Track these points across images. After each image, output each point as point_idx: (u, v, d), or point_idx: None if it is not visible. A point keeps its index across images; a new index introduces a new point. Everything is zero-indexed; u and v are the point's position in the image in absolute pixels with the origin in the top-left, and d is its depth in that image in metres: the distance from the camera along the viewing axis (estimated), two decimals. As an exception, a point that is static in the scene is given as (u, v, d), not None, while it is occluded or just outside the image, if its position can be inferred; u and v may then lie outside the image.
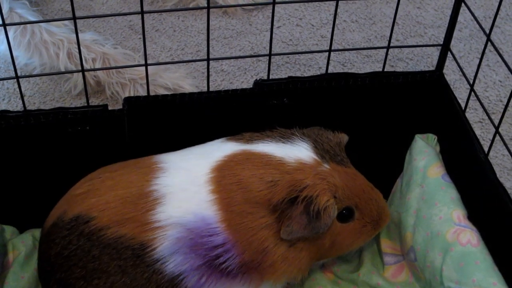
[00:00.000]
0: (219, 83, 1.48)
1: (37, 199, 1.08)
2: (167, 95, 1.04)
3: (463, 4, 1.08)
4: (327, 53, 1.08)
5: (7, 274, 0.99)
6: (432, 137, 1.10)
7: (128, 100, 1.03)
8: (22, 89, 1.41)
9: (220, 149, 0.95)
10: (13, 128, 1.01)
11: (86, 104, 1.04)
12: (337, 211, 0.91)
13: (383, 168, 1.11)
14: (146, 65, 1.02)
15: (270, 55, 1.05)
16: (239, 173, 0.90)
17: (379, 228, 0.98)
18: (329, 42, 1.58)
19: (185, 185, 0.91)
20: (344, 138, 0.98)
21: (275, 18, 1.69)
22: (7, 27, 1.46)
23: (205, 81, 1.46)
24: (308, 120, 1.08)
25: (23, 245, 1.04)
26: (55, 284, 0.90)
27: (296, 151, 0.92)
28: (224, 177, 0.91)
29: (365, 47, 1.60)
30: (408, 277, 1.05)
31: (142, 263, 0.86)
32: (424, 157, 1.05)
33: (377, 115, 1.12)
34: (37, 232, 1.08)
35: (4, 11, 1.50)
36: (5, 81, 1.48)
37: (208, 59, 1.03)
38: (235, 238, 0.88)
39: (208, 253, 0.88)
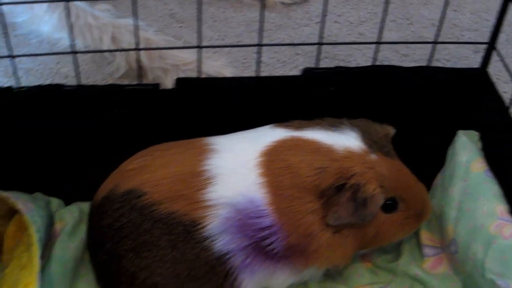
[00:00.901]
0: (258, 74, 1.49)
1: (84, 173, 1.11)
2: (217, 77, 1.06)
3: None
4: (366, 49, 1.09)
5: (54, 243, 1.01)
6: (474, 134, 1.10)
7: (179, 81, 1.05)
8: (65, 70, 1.43)
9: (269, 135, 0.97)
10: (66, 102, 1.02)
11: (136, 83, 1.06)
12: (383, 201, 0.92)
13: (425, 161, 1.12)
14: (198, 47, 1.03)
15: (320, 44, 1.06)
16: (288, 158, 0.92)
17: (421, 221, 1.00)
18: (366, 39, 1.61)
19: (236, 168, 0.93)
20: (391, 130, 0.99)
21: (314, 14, 1.71)
22: (52, 9, 1.49)
23: (245, 71, 1.48)
24: (352, 109, 1.10)
25: (70, 216, 1.05)
26: (105, 255, 0.92)
27: (345, 140, 0.93)
28: (273, 161, 0.93)
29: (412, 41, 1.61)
30: (447, 270, 1.05)
31: (192, 239, 0.88)
32: (467, 152, 1.06)
33: (421, 109, 1.13)
34: (83, 205, 1.10)
35: (51, -7, 1.52)
36: (48, 61, 1.50)
37: (259, 44, 1.04)
38: (282, 221, 0.90)
39: (255, 234, 0.90)
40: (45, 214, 0.99)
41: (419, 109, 1.13)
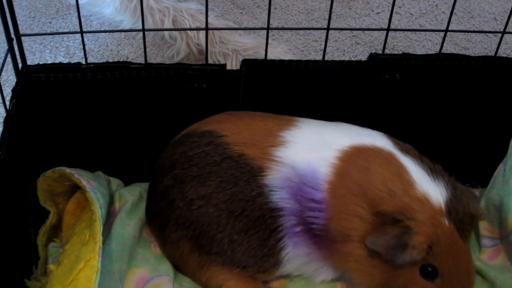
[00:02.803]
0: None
1: (145, 154, 1.11)
2: (284, 60, 1.05)
3: None
4: (426, 41, 1.08)
5: (114, 220, 1.02)
6: (539, 125, 1.09)
7: (246, 62, 1.05)
8: (126, 52, 1.45)
9: (372, 137, 0.98)
10: (134, 80, 1.03)
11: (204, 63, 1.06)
12: (421, 260, 0.88)
13: (487, 151, 1.11)
14: (268, 28, 1.03)
15: (388, 30, 1.06)
16: (372, 163, 0.92)
17: None
18: (426, 32, 1.60)
19: (313, 142, 0.96)
20: (482, 215, 0.94)
21: (374, 4, 1.70)
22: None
23: (304, 58, 1.47)
24: (416, 98, 1.09)
25: (130, 195, 1.07)
26: (171, 179, 0.98)
27: (431, 188, 0.90)
28: (356, 156, 0.94)
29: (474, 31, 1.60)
30: (505, 261, 1.04)
31: (254, 182, 0.94)
32: (529, 143, 1.04)
33: (485, 99, 1.12)
34: (142, 185, 1.12)
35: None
36: (109, 43, 1.51)
37: (328, 28, 1.04)
38: (331, 203, 0.91)
39: (305, 203, 0.92)
40: (106, 192, 1.00)
41: (483, 98, 1.12)
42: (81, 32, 1.00)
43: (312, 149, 0.95)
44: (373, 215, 0.89)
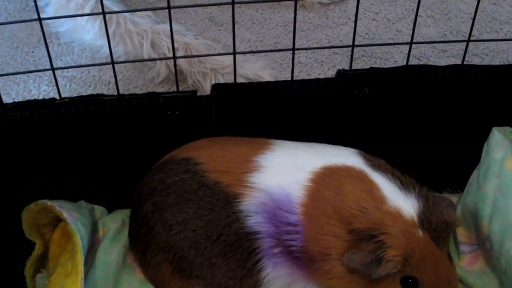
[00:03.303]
0: (296, 75, 1.51)
1: (125, 181, 1.14)
2: (253, 82, 1.08)
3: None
4: (403, 47, 1.10)
5: (98, 248, 1.05)
6: (510, 130, 1.10)
7: (216, 87, 1.07)
8: (107, 77, 1.47)
9: (343, 156, 1.00)
10: (108, 111, 1.06)
11: (175, 90, 1.08)
12: (399, 273, 0.90)
13: (461, 159, 1.13)
14: (234, 53, 1.06)
15: (353, 46, 1.08)
16: (344, 183, 0.95)
17: None
18: (404, 36, 1.62)
19: (287, 166, 0.99)
20: (457, 222, 0.96)
21: (351, 13, 1.72)
22: (93, 18, 1.53)
23: (283, 73, 1.50)
24: (389, 110, 1.11)
25: (112, 222, 1.09)
26: (151, 205, 1.01)
27: (403, 202, 0.93)
28: (328, 176, 0.97)
29: (443, 40, 1.62)
30: (484, 266, 1.06)
31: (230, 208, 0.97)
32: (502, 149, 1.06)
33: (455, 108, 1.14)
34: (125, 212, 1.14)
35: (91, 2, 1.56)
36: (91, 69, 1.54)
37: (293, 49, 1.06)
38: (307, 225, 0.94)
39: (281, 226, 0.95)
40: (88, 222, 1.03)
41: (454, 107, 1.14)
42: (52, 69, 1.02)
43: (285, 172, 0.98)
44: (349, 233, 0.92)
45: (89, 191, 1.13)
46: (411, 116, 1.14)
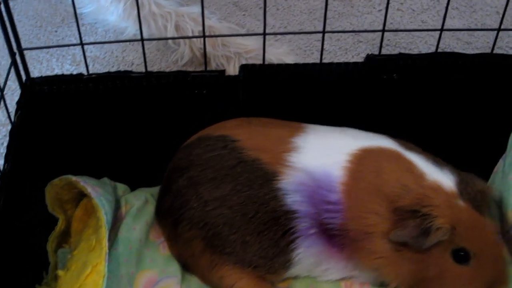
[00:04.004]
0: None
1: (149, 159, 1.14)
2: (281, 64, 1.08)
3: None
4: (428, 37, 1.09)
5: (120, 225, 1.04)
6: (537, 120, 1.10)
7: (244, 67, 1.07)
8: (131, 58, 1.47)
9: (377, 139, 1.02)
10: (135, 88, 1.06)
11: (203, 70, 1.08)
12: (449, 244, 0.92)
13: (486, 148, 1.12)
14: (264, 34, 1.05)
15: (383, 31, 1.07)
16: (382, 163, 0.97)
17: None
18: (429, 27, 1.61)
19: (324, 147, 1.00)
20: (490, 190, 0.99)
21: (376, 2, 1.71)
22: (117, 0, 1.53)
23: (307, 59, 1.49)
24: (415, 96, 1.11)
25: (135, 199, 1.09)
26: (187, 180, 1.00)
27: (440, 176, 0.95)
28: (367, 158, 0.98)
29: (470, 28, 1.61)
30: (507, 256, 1.05)
31: (268, 186, 0.97)
32: (529, 139, 1.05)
33: (483, 96, 1.13)
34: (148, 190, 1.14)
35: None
36: (114, 49, 1.54)
37: (323, 32, 1.05)
38: (347, 204, 0.95)
39: (320, 205, 0.95)
40: (112, 198, 1.02)
41: (481, 95, 1.13)
42: (82, 44, 1.02)
43: (323, 153, 0.99)
44: (392, 212, 0.93)
45: (112, 168, 1.13)
46: (438, 103, 1.13)
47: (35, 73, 1.46)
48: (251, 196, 0.97)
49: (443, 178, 0.94)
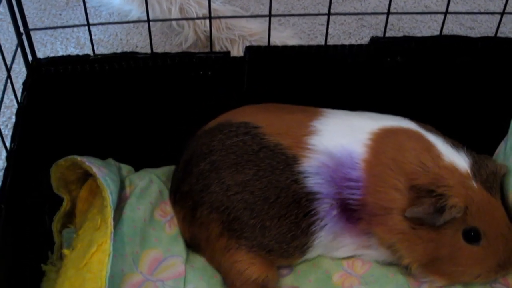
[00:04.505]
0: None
1: (154, 140, 1.14)
2: (286, 46, 1.08)
3: None
4: (431, 22, 1.09)
5: (124, 205, 1.05)
6: (539, 103, 1.11)
7: (249, 49, 1.07)
8: (135, 41, 1.47)
9: (397, 120, 1.04)
10: (141, 69, 1.06)
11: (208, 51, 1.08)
12: (461, 223, 0.95)
13: (488, 130, 1.13)
14: (270, 15, 1.05)
15: (388, 13, 1.08)
16: (403, 141, 0.99)
17: (502, 272, 1.00)
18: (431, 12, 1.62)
19: (344, 128, 1.02)
20: (502, 169, 1.02)
21: (380, -13, 1.72)
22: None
23: (310, 43, 1.50)
24: (419, 79, 1.11)
25: (139, 180, 1.09)
26: (208, 164, 1.02)
27: (456, 158, 0.98)
28: (388, 136, 1.00)
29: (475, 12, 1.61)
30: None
31: (289, 170, 0.98)
32: (530, 121, 1.06)
33: (486, 79, 1.14)
34: (153, 170, 1.15)
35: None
36: (118, 32, 1.54)
37: (328, 14, 1.06)
38: (368, 179, 0.97)
39: (341, 183, 0.98)
40: (117, 178, 1.03)
41: (484, 78, 1.14)
42: (88, 25, 1.03)
43: (344, 134, 1.00)
44: (409, 190, 0.96)
45: (117, 149, 1.14)
46: (441, 86, 1.14)
47: (39, 55, 1.45)
48: (272, 181, 0.98)
49: (459, 160, 0.97)
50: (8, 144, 0.96)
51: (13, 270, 0.92)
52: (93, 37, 1.46)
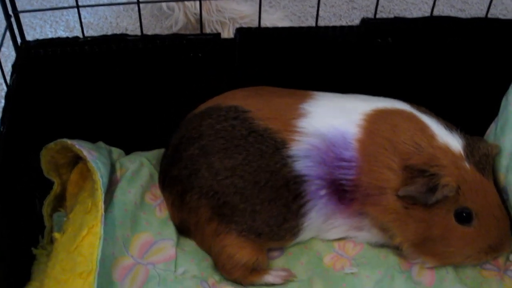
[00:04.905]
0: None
1: (144, 123, 1.14)
2: (277, 27, 1.07)
3: None
4: (422, 4, 1.09)
5: (115, 188, 1.05)
6: (529, 85, 1.10)
7: (240, 30, 1.07)
8: (125, 24, 1.46)
9: (391, 101, 1.04)
10: (131, 51, 1.06)
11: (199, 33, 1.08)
12: (453, 203, 0.96)
13: (479, 112, 1.13)
14: (259, -3, 1.05)
15: (378, -6, 1.07)
16: (397, 121, 1.00)
17: (493, 254, 1.00)
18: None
19: (335, 110, 1.02)
20: (494, 150, 1.02)
21: (371, -31, 1.71)
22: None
23: (301, 25, 1.49)
24: (409, 60, 1.11)
25: (130, 163, 1.09)
26: (198, 149, 1.02)
27: (450, 139, 0.98)
28: (382, 117, 1.01)
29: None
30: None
31: (278, 154, 0.99)
32: (520, 103, 1.06)
33: (476, 60, 1.14)
34: (143, 154, 1.15)
35: None
36: (108, 15, 1.53)
37: (319, -5, 1.06)
38: (362, 159, 0.98)
39: (333, 163, 0.98)
40: (107, 161, 1.03)
41: (475, 59, 1.14)
42: (77, 7, 1.02)
43: (335, 115, 1.01)
44: (403, 169, 0.96)
45: (107, 132, 1.13)
46: (432, 67, 1.14)
47: (28, 39, 1.45)
48: (262, 165, 0.98)
49: (452, 141, 0.98)
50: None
51: (4, 254, 0.91)
52: (82, 20, 1.45)
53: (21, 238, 0.99)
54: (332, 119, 1.00)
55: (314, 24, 1.09)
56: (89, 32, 1.49)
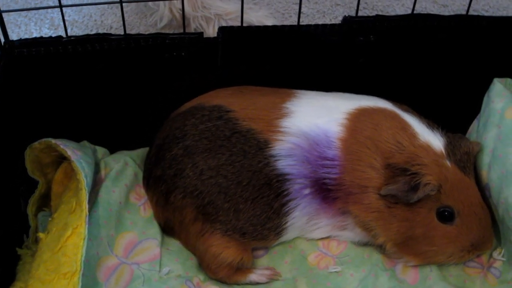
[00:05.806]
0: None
1: (128, 122, 1.14)
2: (260, 26, 1.08)
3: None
4: (404, 1, 1.09)
5: (100, 188, 1.05)
6: (510, 82, 1.11)
7: (222, 29, 1.07)
8: (109, 21, 1.46)
9: (374, 100, 1.05)
10: (114, 51, 1.06)
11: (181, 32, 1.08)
12: (435, 202, 0.97)
13: (461, 109, 1.14)
14: (242, -4, 1.05)
15: (360, -7, 1.08)
16: (379, 120, 1.01)
17: (475, 251, 1.01)
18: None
19: (318, 109, 1.03)
20: (475, 148, 1.03)
21: (354, -35, 1.71)
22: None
23: (285, 22, 1.50)
24: (392, 58, 1.12)
25: (114, 162, 1.10)
26: (182, 149, 1.02)
27: (431, 138, 1.00)
28: (364, 116, 1.01)
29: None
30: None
31: (261, 154, 1.00)
32: (502, 100, 1.06)
33: (458, 58, 1.15)
34: (128, 153, 1.15)
35: None
36: (92, 13, 1.53)
37: (301, -6, 1.06)
38: (345, 158, 0.99)
39: (316, 161, 0.99)
40: (91, 161, 1.03)
41: (457, 57, 1.15)
42: (60, 6, 1.02)
43: (318, 114, 1.01)
44: (385, 168, 0.97)
45: (92, 132, 1.14)
46: (414, 65, 1.14)
47: (13, 37, 1.44)
48: (245, 165, 0.99)
49: (434, 139, 0.99)
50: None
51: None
52: (67, 18, 1.46)
53: (5, 238, 0.99)
54: (315, 118, 1.01)
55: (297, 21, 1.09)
56: (74, 30, 1.49)
